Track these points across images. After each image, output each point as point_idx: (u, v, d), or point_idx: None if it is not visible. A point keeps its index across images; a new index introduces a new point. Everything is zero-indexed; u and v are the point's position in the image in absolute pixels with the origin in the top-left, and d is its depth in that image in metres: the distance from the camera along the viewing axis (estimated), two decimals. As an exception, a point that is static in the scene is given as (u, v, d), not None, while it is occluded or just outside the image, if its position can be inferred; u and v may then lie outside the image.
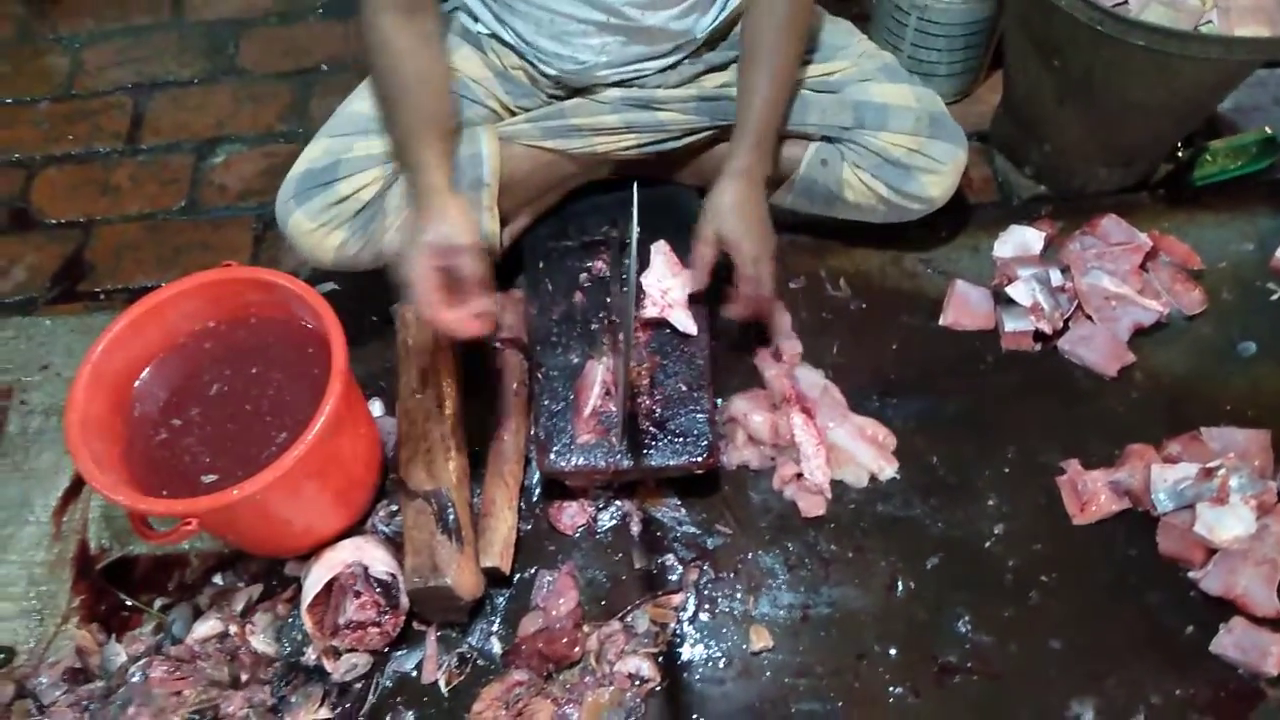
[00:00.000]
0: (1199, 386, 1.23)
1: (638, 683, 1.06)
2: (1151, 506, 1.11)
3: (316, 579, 1.08)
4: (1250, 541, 1.06)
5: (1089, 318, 1.27)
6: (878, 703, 1.04)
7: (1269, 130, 1.41)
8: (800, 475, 1.16)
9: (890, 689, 1.05)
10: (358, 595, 1.06)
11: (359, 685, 1.08)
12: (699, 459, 1.11)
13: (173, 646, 1.10)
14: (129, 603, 1.15)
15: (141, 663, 1.08)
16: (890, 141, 1.20)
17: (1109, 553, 1.12)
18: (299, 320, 1.11)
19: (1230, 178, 1.40)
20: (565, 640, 1.07)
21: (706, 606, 1.11)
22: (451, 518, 1.07)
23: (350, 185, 1.14)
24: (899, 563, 1.12)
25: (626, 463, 1.10)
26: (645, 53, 1.17)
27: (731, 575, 1.13)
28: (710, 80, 1.23)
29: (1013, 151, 1.46)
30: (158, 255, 1.50)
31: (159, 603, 1.15)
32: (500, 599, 1.13)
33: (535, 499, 1.19)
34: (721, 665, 1.07)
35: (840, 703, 1.04)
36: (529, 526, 1.17)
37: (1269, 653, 1.02)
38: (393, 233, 1.18)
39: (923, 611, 1.09)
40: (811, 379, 1.22)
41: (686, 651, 1.08)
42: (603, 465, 1.11)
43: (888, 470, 1.18)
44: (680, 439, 1.11)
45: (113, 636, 1.13)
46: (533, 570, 1.14)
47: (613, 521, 1.17)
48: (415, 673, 1.08)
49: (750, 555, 1.14)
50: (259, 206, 1.54)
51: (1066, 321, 1.27)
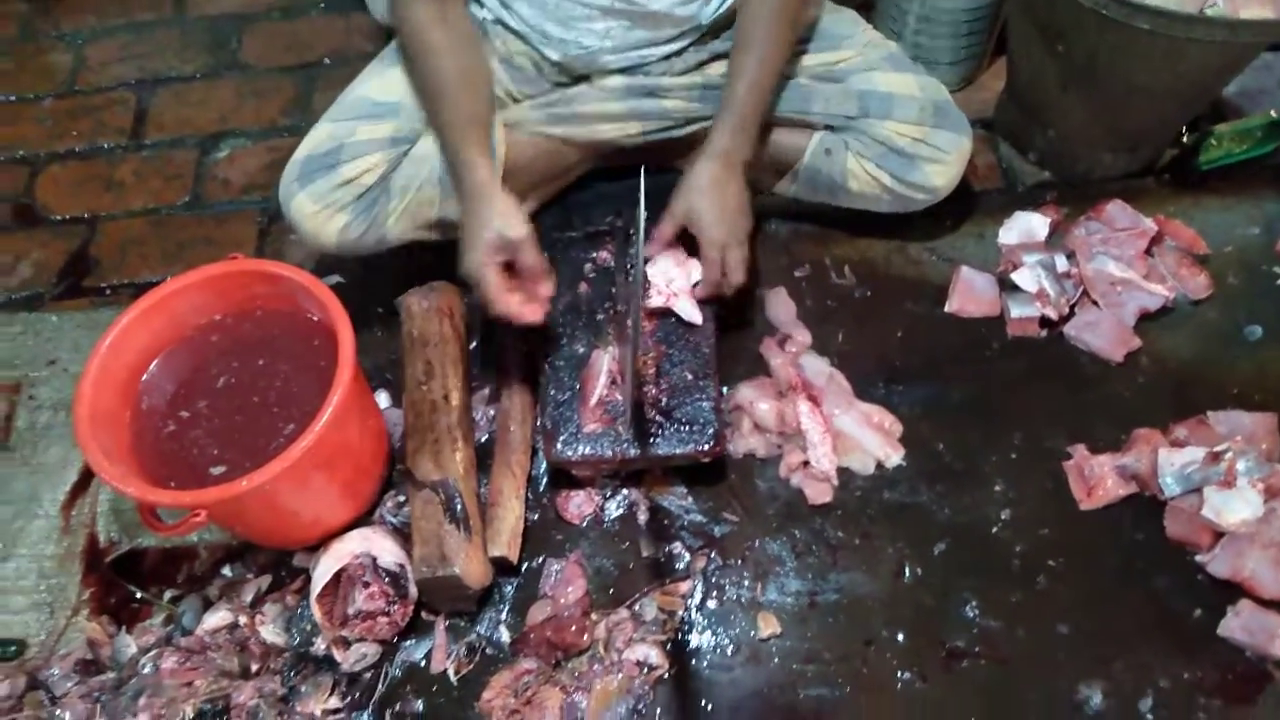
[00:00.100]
0: (1205, 371, 1.23)
1: (646, 670, 1.06)
2: (1158, 490, 1.11)
3: (325, 569, 1.08)
4: (1258, 524, 1.06)
5: (1095, 303, 1.27)
6: (885, 688, 1.04)
7: (1275, 114, 1.40)
8: (807, 463, 1.17)
9: (898, 674, 1.05)
10: (366, 585, 1.07)
11: (368, 675, 1.08)
12: (705, 447, 1.11)
13: (183, 638, 1.10)
14: (139, 595, 1.16)
15: (152, 654, 1.09)
16: (895, 131, 1.19)
17: (1116, 537, 1.12)
18: (305, 312, 1.11)
19: (1236, 162, 1.40)
20: (573, 628, 1.07)
21: (714, 594, 1.11)
22: (459, 507, 1.07)
23: (353, 169, 1.14)
24: (906, 549, 1.13)
25: (633, 452, 1.11)
26: (649, 38, 1.16)
27: (739, 563, 1.13)
28: (714, 68, 1.22)
29: (1017, 138, 1.46)
30: (162, 250, 1.50)
31: (168, 595, 1.16)
32: (508, 588, 1.13)
33: (542, 489, 1.20)
34: (730, 652, 1.08)
35: (848, 688, 1.04)
36: (536, 516, 1.18)
37: (1277, 635, 1.02)
38: (396, 217, 1.18)
39: (930, 597, 1.09)
40: (817, 367, 1.22)
41: (695, 639, 1.08)
42: (609, 454, 1.11)
43: (894, 457, 1.18)
44: (686, 427, 1.11)
45: (123, 628, 1.13)
46: (540, 559, 1.14)
47: (620, 510, 1.18)
48: (424, 662, 1.09)
49: (757, 543, 1.14)
50: (263, 201, 1.54)
51: (1072, 307, 1.27)
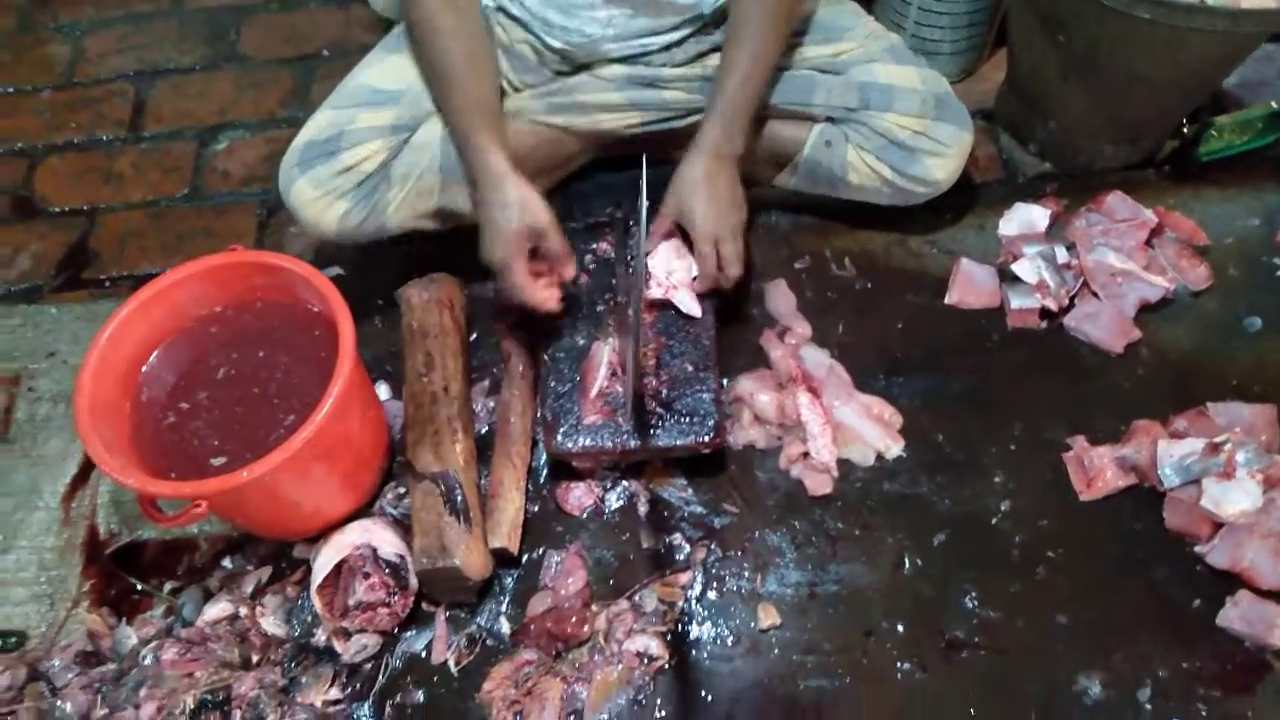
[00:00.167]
0: (1205, 362, 1.23)
1: (646, 661, 1.06)
2: (1158, 482, 1.11)
3: (325, 561, 1.08)
4: (1257, 515, 1.06)
5: (1095, 295, 1.27)
6: (885, 678, 1.05)
7: (1275, 105, 1.40)
8: (807, 454, 1.17)
9: (898, 665, 1.05)
10: (367, 576, 1.07)
11: (369, 666, 1.08)
12: (705, 439, 1.11)
13: (183, 629, 1.10)
14: (139, 587, 1.16)
15: (153, 645, 1.09)
16: (895, 123, 1.19)
17: (1116, 528, 1.12)
18: (305, 304, 1.11)
19: (1236, 153, 1.40)
20: (574, 619, 1.07)
21: (714, 585, 1.11)
22: (459, 499, 1.07)
23: (353, 156, 1.14)
24: (906, 540, 1.13)
25: (633, 443, 1.11)
26: (651, 26, 1.16)
27: (739, 554, 1.13)
28: (715, 60, 1.21)
29: (1017, 129, 1.46)
30: (161, 242, 1.50)
31: (169, 586, 1.16)
32: (508, 579, 1.13)
33: (542, 480, 1.20)
34: (730, 643, 1.08)
35: (848, 679, 1.05)
36: (536, 508, 1.18)
37: (1275, 625, 1.03)
38: (396, 205, 1.18)
39: (930, 588, 1.10)
40: (817, 358, 1.22)
41: (695, 630, 1.09)
42: (610, 446, 1.11)
43: (894, 448, 1.18)
44: (687, 419, 1.11)
45: (123, 620, 1.13)
46: (541, 551, 1.14)
47: (620, 502, 1.18)
48: (425, 653, 1.09)
49: (757, 534, 1.14)
50: (262, 193, 1.54)
51: (1072, 299, 1.27)
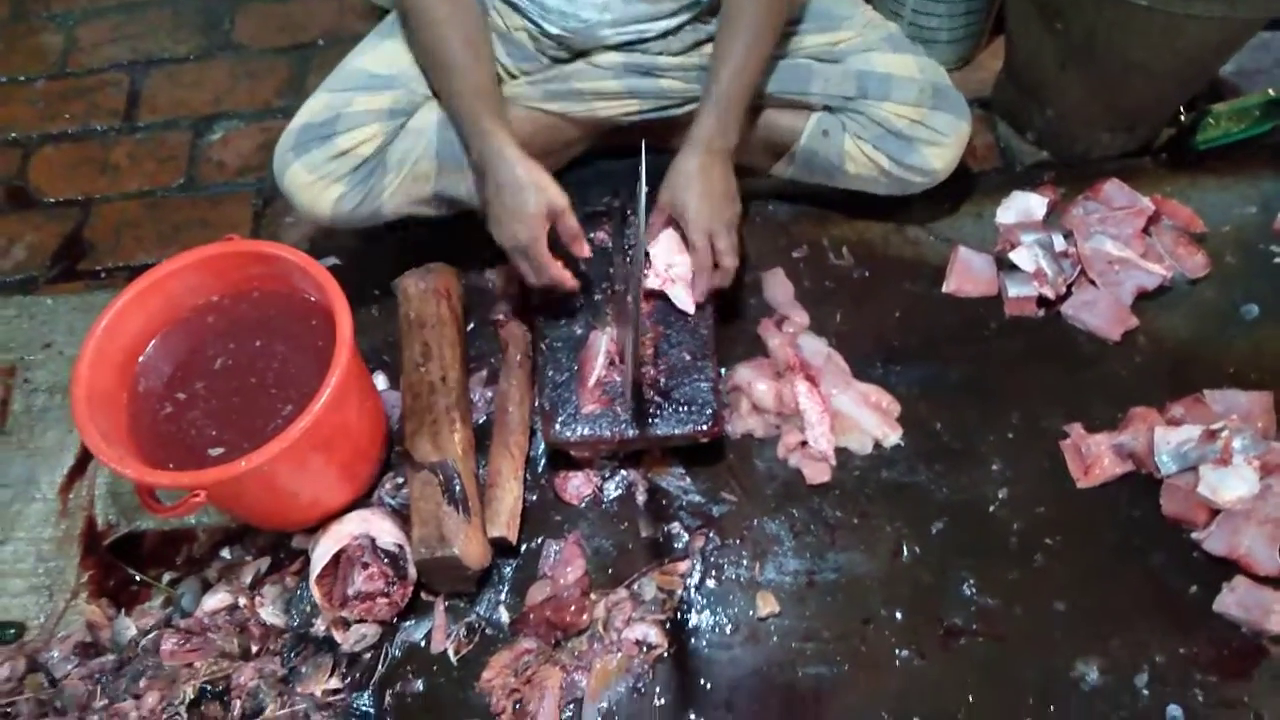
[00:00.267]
0: (1202, 349, 1.23)
1: (645, 649, 1.06)
2: (1155, 469, 1.11)
3: (324, 551, 1.08)
4: (1253, 501, 1.06)
5: (1092, 282, 1.27)
6: (884, 665, 1.05)
7: (1272, 93, 1.39)
8: (805, 443, 1.17)
9: (896, 652, 1.05)
10: (365, 566, 1.07)
11: (368, 655, 1.08)
12: (704, 428, 1.11)
13: (182, 619, 1.10)
14: (138, 577, 1.16)
15: (152, 635, 1.09)
16: (893, 112, 1.19)
17: (1113, 515, 1.12)
18: (302, 293, 1.11)
19: (1233, 141, 1.39)
20: (573, 608, 1.08)
21: (713, 573, 1.12)
22: (458, 488, 1.07)
23: (349, 140, 1.14)
24: (904, 528, 1.13)
25: (631, 432, 1.11)
26: (648, 12, 1.15)
27: (737, 542, 1.13)
28: (711, 49, 1.21)
29: (1015, 117, 1.45)
30: (157, 232, 1.49)
31: (167, 577, 1.16)
32: (507, 569, 1.13)
33: (541, 470, 1.20)
34: (728, 631, 1.08)
35: (847, 666, 1.05)
36: (535, 497, 1.18)
37: (1271, 610, 1.03)
38: (392, 190, 1.17)
39: (928, 575, 1.10)
40: (815, 347, 1.22)
41: (693, 618, 1.09)
42: (608, 435, 1.11)
43: (892, 437, 1.18)
44: (685, 408, 1.11)
45: (122, 611, 1.14)
46: (539, 540, 1.14)
47: (618, 491, 1.18)
48: (424, 642, 1.09)
49: (756, 522, 1.14)
50: (258, 182, 1.53)
51: (1069, 287, 1.27)
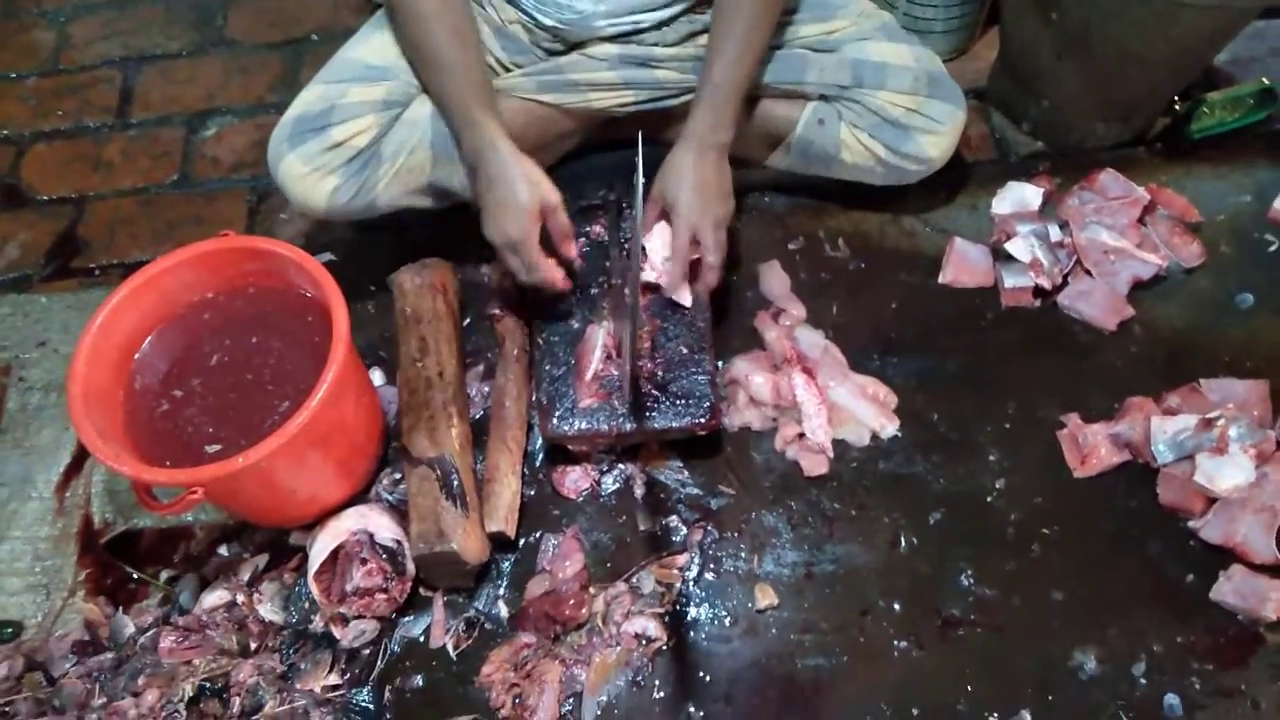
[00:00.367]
0: (1198, 338, 1.23)
1: (644, 642, 1.06)
2: (1151, 458, 1.12)
3: (322, 547, 1.08)
4: (1249, 490, 1.07)
5: (1088, 272, 1.27)
6: (882, 656, 1.05)
7: (1266, 81, 1.40)
8: (802, 435, 1.17)
9: (894, 643, 1.06)
10: (364, 562, 1.07)
11: (367, 651, 1.08)
12: (701, 421, 1.11)
13: (181, 617, 1.10)
14: (135, 575, 1.16)
15: (150, 633, 1.09)
16: (889, 100, 1.19)
17: (1110, 504, 1.12)
18: (297, 289, 1.11)
19: (1227, 130, 1.40)
20: (572, 602, 1.08)
21: (711, 566, 1.12)
22: (455, 484, 1.07)
23: (344, 131, 1.13)
24: (902, 519, 1.13)
25: (629, 426, 1.10)
26: (643, 3, 1.15)
27: (735, 535, 1.13)
28: (706, 40, 1.21)
29: (1010, 108, 1.45)
30: (152, 229, 1.49)
31: (165, 574, 1.15)
32: (506, 563, 1.13)
33: (538, 464, 1.20)
34: (727, 623, 1.08)
35: (845, 657, 1.05)
36: (533, 492, 1.18)
37: (1268, 598, 1.03)
38: (387, 182, 1.17)
39: (926, 566, 1.10)
40: (812, 339, 1.22)
41: (692, 611, 1.09)
42: (605, 429, 1.11)
43: (889, 428, 1.18)
44: (682, 401, 1.11)
45: (120, 609, 1.13)
46: (538, 535, 1.14)
47: (616, 485, 1.18)
48: (423, 638, 1.09)
49: (754, 515, 1.14)
50: (252, 179, 1.52)
51: (1065, 277, 1.27)
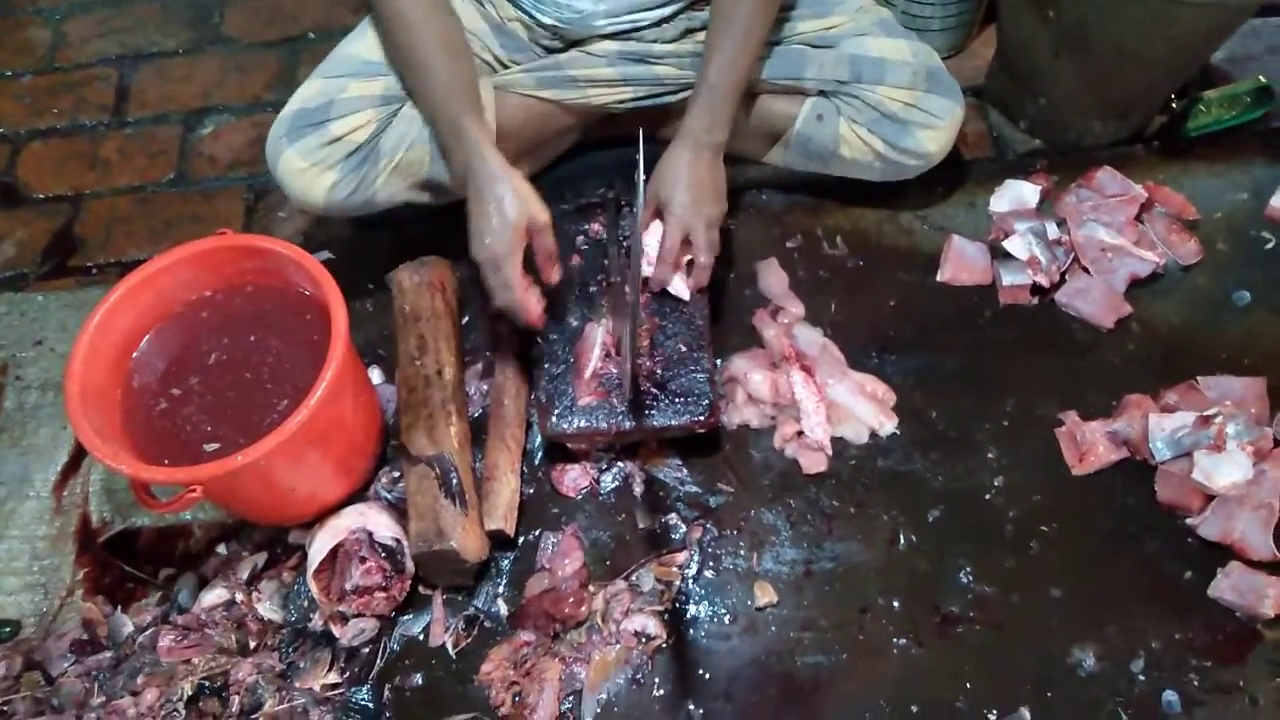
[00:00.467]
0: (1195, 336, 1.24)
1: (644, 640, 1.07)
2: (1149, 455, 1.12)
3: (321, 545, 1.08)
4: (1247, 487, 1.07)
5: (1085, 270, 1.27)
6: (882, 654, 1.05)
7: (1263, 79, 1.40)
8: (801, 433, 1.17)
9: (894, 640, 1.06)
10: (363, 561, 1.07)
11: (367, 650, 1.08)
12: (700, 418, 1.11)
13: (180, 616, 1.10)
14: (134, 574, 1.15)
15: (149, 632, 1.09)
16: (887, 95, 1.19)
17: (1108, 502, 1.13)
18: (296, 287, 1.10)
19: (1224, 128, 1.40)
20: (571, 600, 1.08)
21: (710, 564, 1.12)
22: (454, 482, 1.07)
23: (343, 126, 1.13)
24: (900, 516, 1.13)
25: (628, 424, 1.10)
26: (642, 2, 1.15)
27: (735, 533, 1.13)
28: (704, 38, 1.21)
29: (1007, 106, 1.46)
30: (149, 228, 1.48)
31: (164, 573, 1.15)
32: (505, 561, 1.13)
33: (538, 462, 1.20)
34: (727, 621, 1.08)
35: (845, 655, 1.05)
36: (532, 490, 1.18)
37: (1265, 595, 1.04)
38: (385, 177, 1.16)
39: (925, 564, 1.10)
40: (810, 337, 1.22)
41: (692, 609, 1.09)
42: (604, 427, 1.11)
43: (888, 426, 1.18)
44: (681, 399, 1.11)
45: (118, 608, 1.13)
46: (537, 533, 1.14)
47: (615, 483, 1.18)
48: (422, 636, 1.09)
49: (753, 513, 1.15)
50: (249, 177, 1.52)
51: (1063, 274, 1.27)
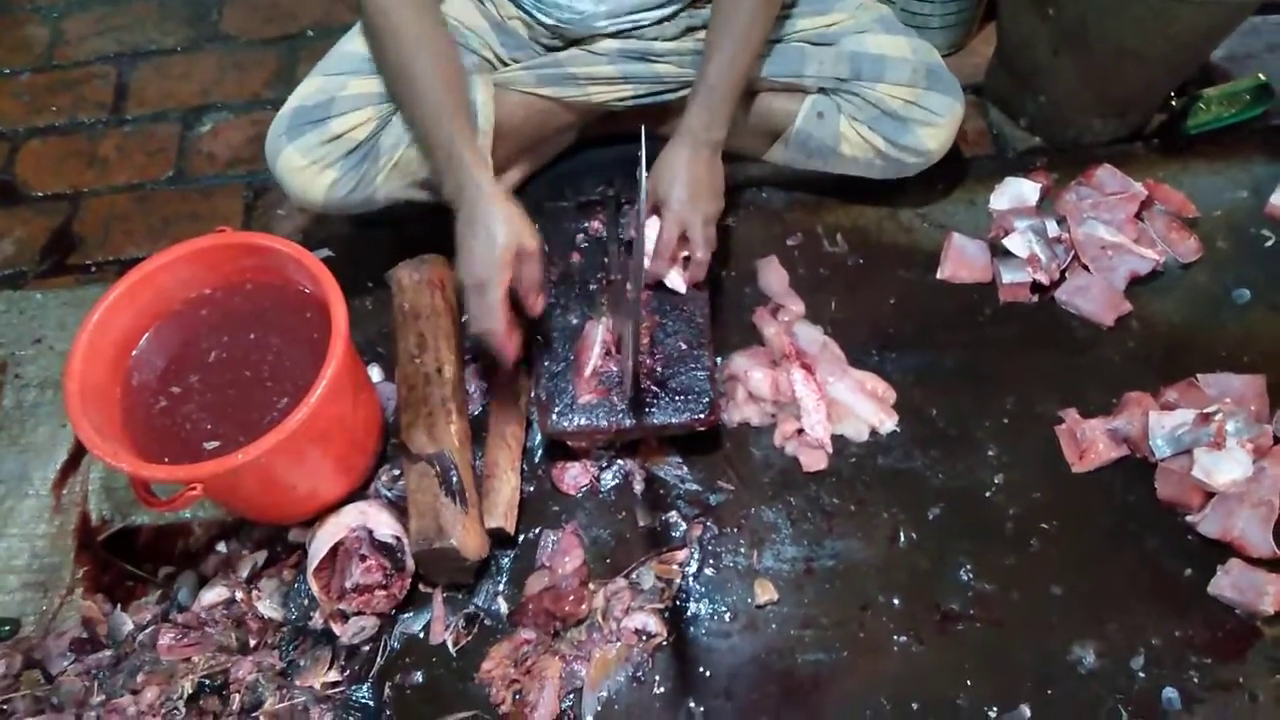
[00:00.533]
0: (1195, 334, 1.24)
1: (645, 638, 1.06)
2: (1149, 453, 1.12)
3: (321, 544, 1.08)
4: (1247, 484, 1.07)
5: (1085, 268, 1.27)
6: (882, 651, 1.05)
7: (1262, 77, 1.40)
8: (801, 430, 1.17)
9: (894, 638, 1.06)
10: (363, 559, 1.07)
11: (367, 648, 1.08)
12: (700, 416, 1.11)
13: (180, 614, 1.10)
14: (134, 572, 1.15)
15: (149, 630, 1.08)
16: (887, 93, 1.19)
17: (1108, 499, 1.13)
18: (296, 285, 1.10)
19: (1224, 126, 1.40)
20: (572, 598, 1.07)
21: (711, 562, 1.12)
22: (455, 480, 1.07)
23: (343, 124, 1.12)
24: (901, 514, 1.13)
25: (628, 422, 1.10)
26: (644, 3, 1.15)
27: (735, 530, 1.13)
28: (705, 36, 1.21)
29: (1007, 104, 1.46)
30: (147, 226, 1.48)
31: (163, 571, 1.15)
32: (505, 559, 1.13)
33: (538, 460, 1.19)
34: (727, 619, 1.08)
35: (845, 652, 1.05)
36: (532, 488, 1.18)
37: (1265, 592, 1.04)
38: (385, 174, 1.16)
39: (925, 561, 1.10)
40: (810, 335, 1.22)
41: (692, 606, 1.09)
42: (605, 425, 1.11)
43: (888, 423, 1.18)
44: (681, 397, 1.11)
45: (118, 606, 1.13)
46: (537, 531, 1.14)
47: (615, 481, 1.18)
48: (423, 634, 1.09)
49: (753, 510, 1.15)
50: (248, 175, 1.52)
51: (1063, 272, 1.27)
